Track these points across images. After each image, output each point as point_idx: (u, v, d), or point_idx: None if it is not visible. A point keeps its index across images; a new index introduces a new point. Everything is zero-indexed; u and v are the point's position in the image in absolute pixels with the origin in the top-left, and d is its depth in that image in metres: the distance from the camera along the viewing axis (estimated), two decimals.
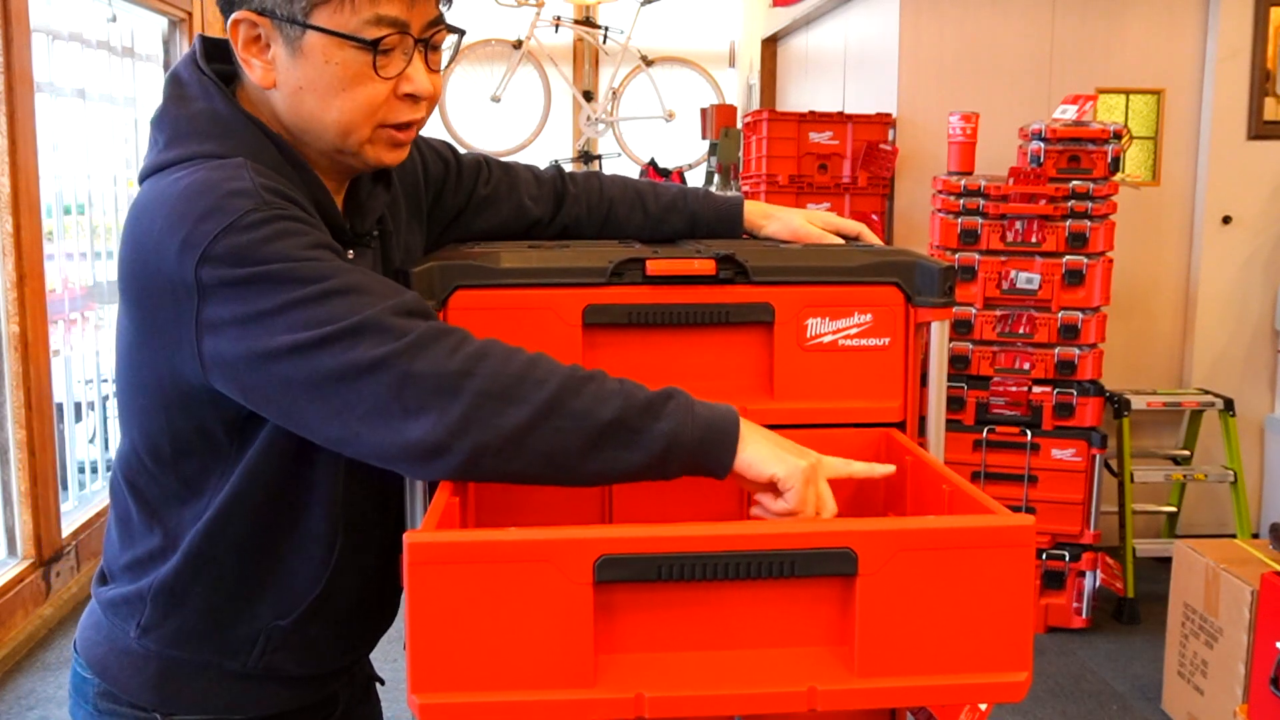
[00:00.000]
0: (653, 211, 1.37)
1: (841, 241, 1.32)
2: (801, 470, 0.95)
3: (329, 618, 1.13)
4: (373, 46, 1.00)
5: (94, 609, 1.15)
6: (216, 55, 1.09)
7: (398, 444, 0.91)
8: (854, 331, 1.18)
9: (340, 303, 0.91)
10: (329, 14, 1.00)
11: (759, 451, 0.95)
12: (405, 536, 0.81)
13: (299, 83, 1.03)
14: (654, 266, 1.14)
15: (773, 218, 1.36)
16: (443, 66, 1.12)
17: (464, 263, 1.13)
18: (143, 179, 1.05)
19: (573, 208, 1.37)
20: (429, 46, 1.06)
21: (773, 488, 0.95)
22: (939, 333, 1.19)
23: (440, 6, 1.07)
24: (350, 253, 1.11)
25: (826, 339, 1.18)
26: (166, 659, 1.09)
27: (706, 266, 1.14)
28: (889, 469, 1.06)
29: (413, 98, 1.05)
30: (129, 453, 1.09)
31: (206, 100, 1.05)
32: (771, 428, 0.96)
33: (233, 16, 1.03)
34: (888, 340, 1.18)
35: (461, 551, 0.82)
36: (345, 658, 1.19)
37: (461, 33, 1.12)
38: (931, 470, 1.07)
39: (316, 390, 0.91)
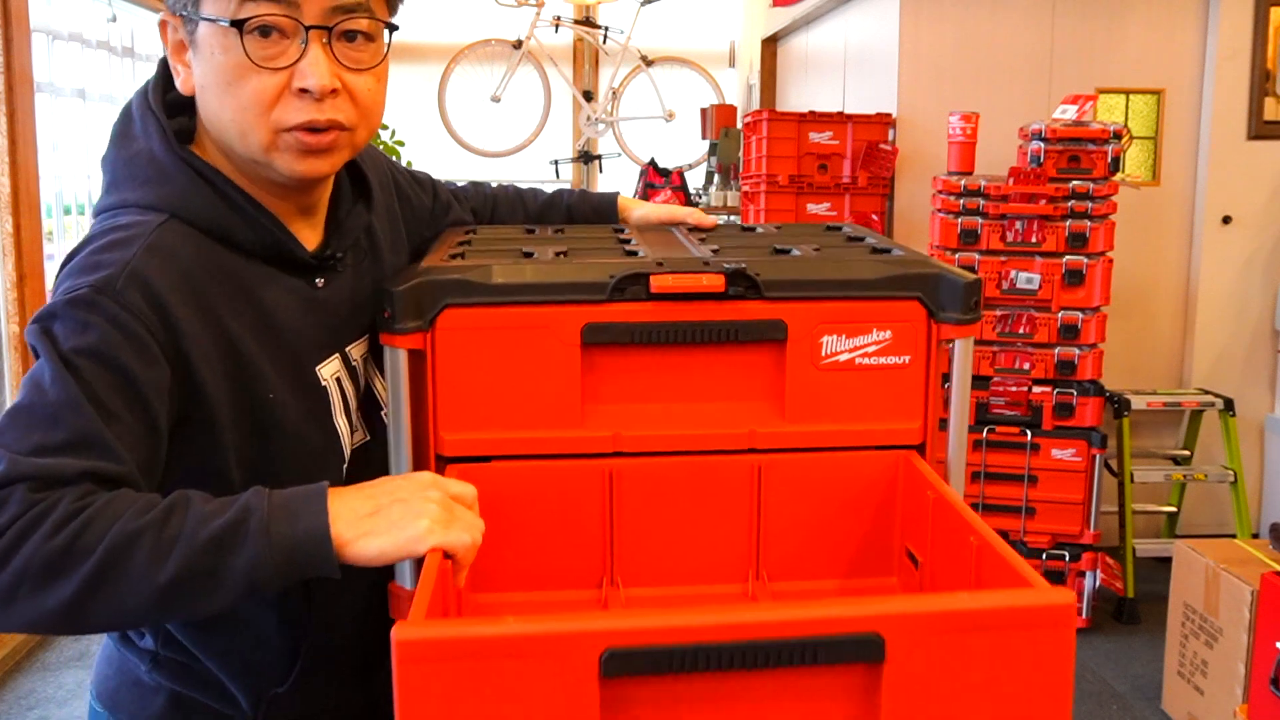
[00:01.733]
0: (532, 210, 1.47)
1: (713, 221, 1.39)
2: (429, 530, 0.86)
3: (326, 673, 1.10)
4: (238, 28, 0.93)
5: (108, 644, 1.14)
6: None
7: None
8: (872, 349, 1.10)
9: (16, 422, 0.86)
10: (212, 1, 0.94)
11: (371, 546, 0.85)
12: (393, 632, 0.73)
13: (201, 81, 0.97)
14: (658, 283, 1.05)
15: (640, 204, 1.47)
16: (377, 62, 1.00)
17: (453, 278, 1.04)
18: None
19: (462, 209, 1.43)
20: (337, 36, 0.96)
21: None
22: (962, 350, 1.11)
23: None
24: (320, 280, 1.07)
25: (843, 357, 1.10)
26: (176, 694, 1.08)
27: (715, 282, 1.06)
28: None
29: (309, 94, 0.95)
30: None
31: (146, 140, 1.00)
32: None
33: (158, 19, 1.00)
34: (908, 359, 1.10)
35: (455, 648, 0.74)
36: (357, 695, 1.16)
37: (393, 28, 1.01)
38: (956, 515, 0.99)
39: None
